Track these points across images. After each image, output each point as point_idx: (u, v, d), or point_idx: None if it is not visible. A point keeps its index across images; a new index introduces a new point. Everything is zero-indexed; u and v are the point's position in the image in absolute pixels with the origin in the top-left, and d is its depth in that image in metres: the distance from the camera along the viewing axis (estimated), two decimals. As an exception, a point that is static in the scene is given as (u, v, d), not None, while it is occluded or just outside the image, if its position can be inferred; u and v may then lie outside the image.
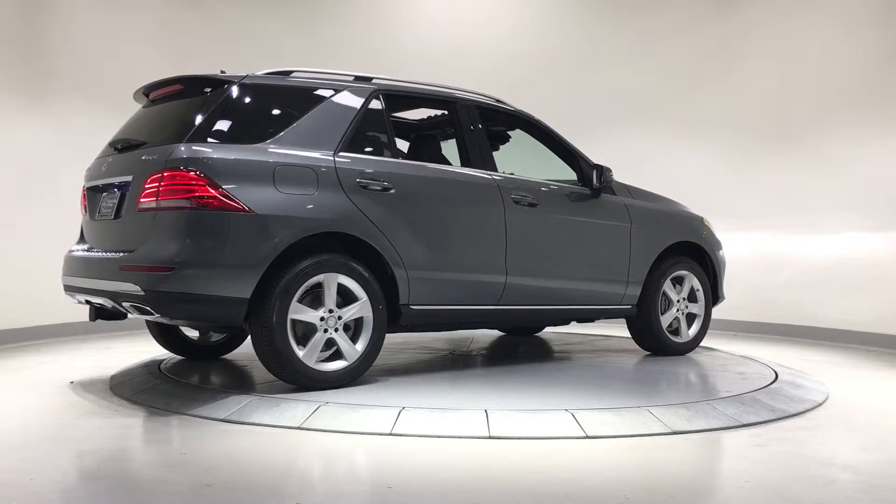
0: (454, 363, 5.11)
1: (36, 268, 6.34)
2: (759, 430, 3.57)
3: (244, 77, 4.10)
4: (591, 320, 5.29)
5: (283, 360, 3.83)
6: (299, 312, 3.87)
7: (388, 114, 4.45)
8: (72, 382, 4.50)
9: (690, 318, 5.46)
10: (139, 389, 4.15)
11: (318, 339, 3.92)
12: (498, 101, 4.93)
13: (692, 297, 5.43)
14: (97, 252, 4.18)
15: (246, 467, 2.95)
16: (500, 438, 3.28)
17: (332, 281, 3.93)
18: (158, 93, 4.35)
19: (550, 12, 8.47)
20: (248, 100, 4.09)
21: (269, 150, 3.91)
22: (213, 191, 3.67)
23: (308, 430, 3.38)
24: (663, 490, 2.73)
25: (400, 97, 4.64)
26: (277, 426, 3.43)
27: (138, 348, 5.79)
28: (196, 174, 3.67)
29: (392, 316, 4.19)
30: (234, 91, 4.02)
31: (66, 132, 6.69)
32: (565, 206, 4.86)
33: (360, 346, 4.05)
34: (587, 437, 3.32)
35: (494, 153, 5.39)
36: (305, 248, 3.92)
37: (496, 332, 6.58)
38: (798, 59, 7.43)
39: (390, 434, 3.31)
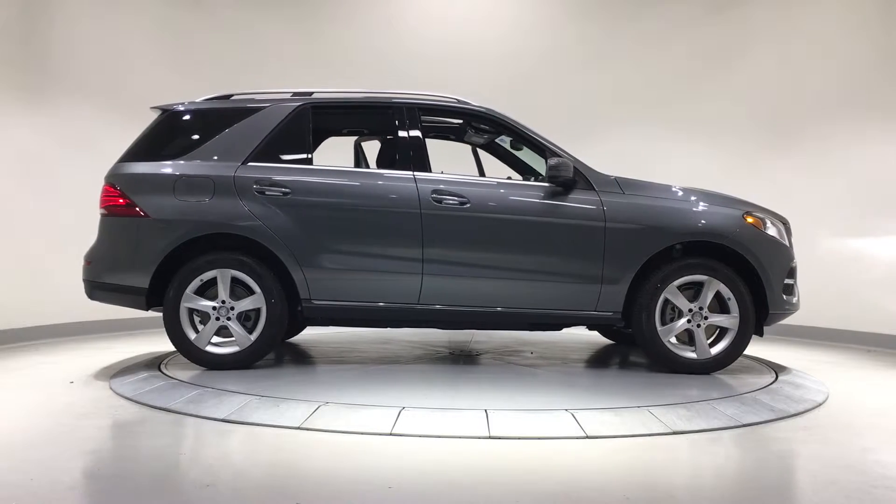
0: (454, 363, 5.12)
1: (36, 268, 6.36)
2: (760, 430, 3.57)
3: (179, 104, 4.89)
4: (562, 326, 4.84)
5: (177, 341, 4.58)
6: (192, 301, 4.56)
7: (312, 125, 4.80)
8: (72, 382, 4.50)
9: (724, 332, 4.69)
10: (139, 389, 4.15)
11: (210, 325, 4.57)
12: (459, 100, 4.93)
13: (724, 308, 4.66)
14: None
15: (246, 467, 2.95)
16: (500, 438, 3.28)
17: (226, 275, 4.56)
18: None
19: (551, 12, 8.47)
20: (175, 123, 4.87)
21: (178, 164, 4.68)
22: (121, 200, 4.62)
23: (308, 430, 3.38)
24: (663, 490, 2.73)
25: (332, 108, 4.99)
26: (277, 426, 3.44)
27: (138, 348, 5.80)
28: (113, 187, 4.67)
29: (297, 310, 4.64)
30: (166, 117, 4.87)
31: (67, 132, 6.69)
32: (507, 205, 4.62)
33: (254, 335, 4.56)
34: (587, 437, 3.32)
35: (518, 153, 5.44)
36: (217, 247, 4.63)
37: (497, 332, 6.57)
38: (798, 59, 7.44)
39: (390, 434, 3.31)
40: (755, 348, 5.84)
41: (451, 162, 5.34)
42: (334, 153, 5.91)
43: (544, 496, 2.61)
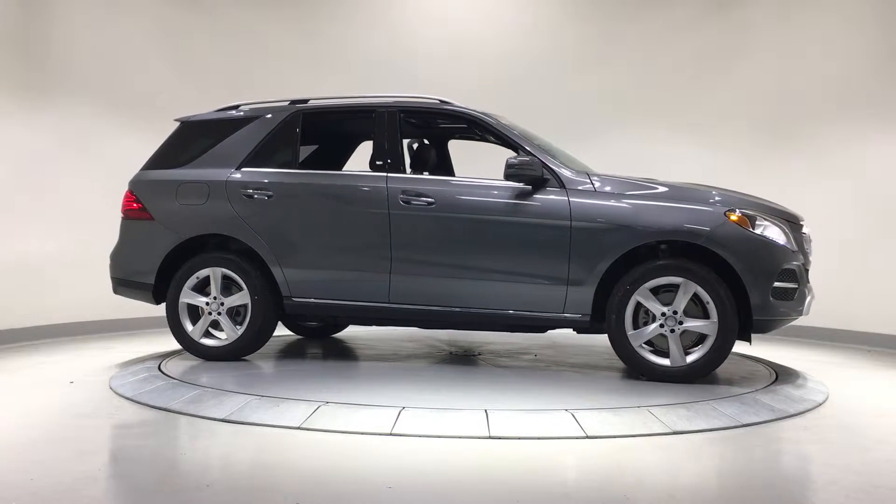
0: (454, 363, 5.12)
1: (36, 267, 6.35)
2: (759, 430, 3.57)
3: (191, 117, 5.33)
4: (544, 328, 4.69)
5: (177, 333, 4.97)
6: (189, 297, 4.93)
7: (302, 131, 5.04)
8: (72, 382, 4.50)
9: (702, 338, 4.34)
10: (139, 389, 4.15)
11: (203, 320, 4.94)
12: (442, 101, 4.93)
13: (705, 312, 4.28)
14: None
15: (246, 467, 2.95)
16: (500, 438, 3.28)
17: (217, 273, 4.90)
18: None
19: (550, 12, 8.47)
20: (188, 133, 5.30)
21: (182, 171, 5.10)
22: (135, 205, 5.13)
23: (308, 430, 3.38)
24: (663, 490, 2.73)
25: (320, 113, 5.16)
26: (277, 426, 3.44)
27: (138, 348, 5.80)
28: (131, 193, 5.19)
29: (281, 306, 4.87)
30: (180, 127, 5.34)
31: (66, 132, 6.68)
32: (472, 205, 4.58)
33: (241, 329, 4.87)
34: (587, 437, 3.32)
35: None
36: (216, 248, 5.02)
37: (503, 334, 6.55)
38: (798, 59, 7.43)
39: (390, 434, 3.31)
40: (756, 348, 5.84)
41: (471, 163, 5.39)
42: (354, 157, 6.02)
43: (544, 496, 2.61)
